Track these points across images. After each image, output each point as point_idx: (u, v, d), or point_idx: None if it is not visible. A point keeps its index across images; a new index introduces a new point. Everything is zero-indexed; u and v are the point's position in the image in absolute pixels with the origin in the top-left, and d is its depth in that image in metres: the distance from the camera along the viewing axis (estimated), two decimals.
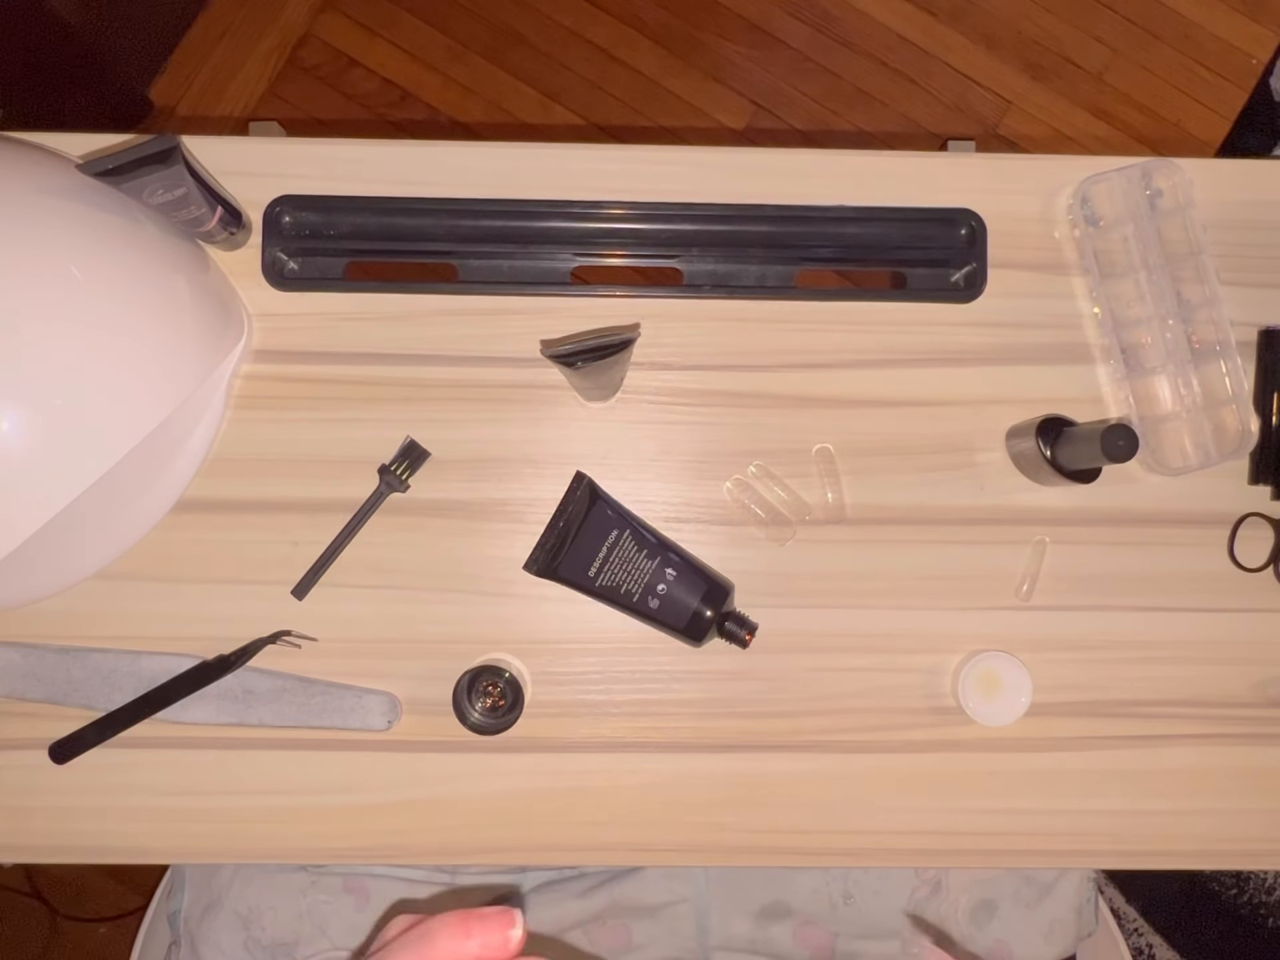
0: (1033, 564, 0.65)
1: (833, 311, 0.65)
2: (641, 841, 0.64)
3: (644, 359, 0.65)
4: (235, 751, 0.63)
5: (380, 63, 1.49)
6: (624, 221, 0.64)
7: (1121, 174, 0.65)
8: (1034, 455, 0.62)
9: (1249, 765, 0.66)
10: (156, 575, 0.63)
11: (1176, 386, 0.65)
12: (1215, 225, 0.65)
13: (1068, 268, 0.66)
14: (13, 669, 0.62)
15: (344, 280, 0.64)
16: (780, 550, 0.65)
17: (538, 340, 0.64)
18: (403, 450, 0.63)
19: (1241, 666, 0.66)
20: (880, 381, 0.65)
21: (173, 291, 0.56)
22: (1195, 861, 0.66)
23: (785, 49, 1.52)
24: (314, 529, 0.63)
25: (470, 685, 0.61)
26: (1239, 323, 0.65)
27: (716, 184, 0.65)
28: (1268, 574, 0.65)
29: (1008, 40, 1.53)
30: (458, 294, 0.64)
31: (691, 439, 0.65)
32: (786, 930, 0.71)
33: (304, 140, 0.65)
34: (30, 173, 0.52)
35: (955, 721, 0.64)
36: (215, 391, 0.63)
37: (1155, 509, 0.66)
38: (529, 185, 0.64)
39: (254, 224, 0.63)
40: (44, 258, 0.50)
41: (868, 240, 0.65)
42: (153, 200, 0.53)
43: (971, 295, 0.65)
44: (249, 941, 0.70)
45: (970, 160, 0.67)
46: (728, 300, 0.65)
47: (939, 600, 0.65)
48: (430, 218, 0.64)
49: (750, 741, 0.65)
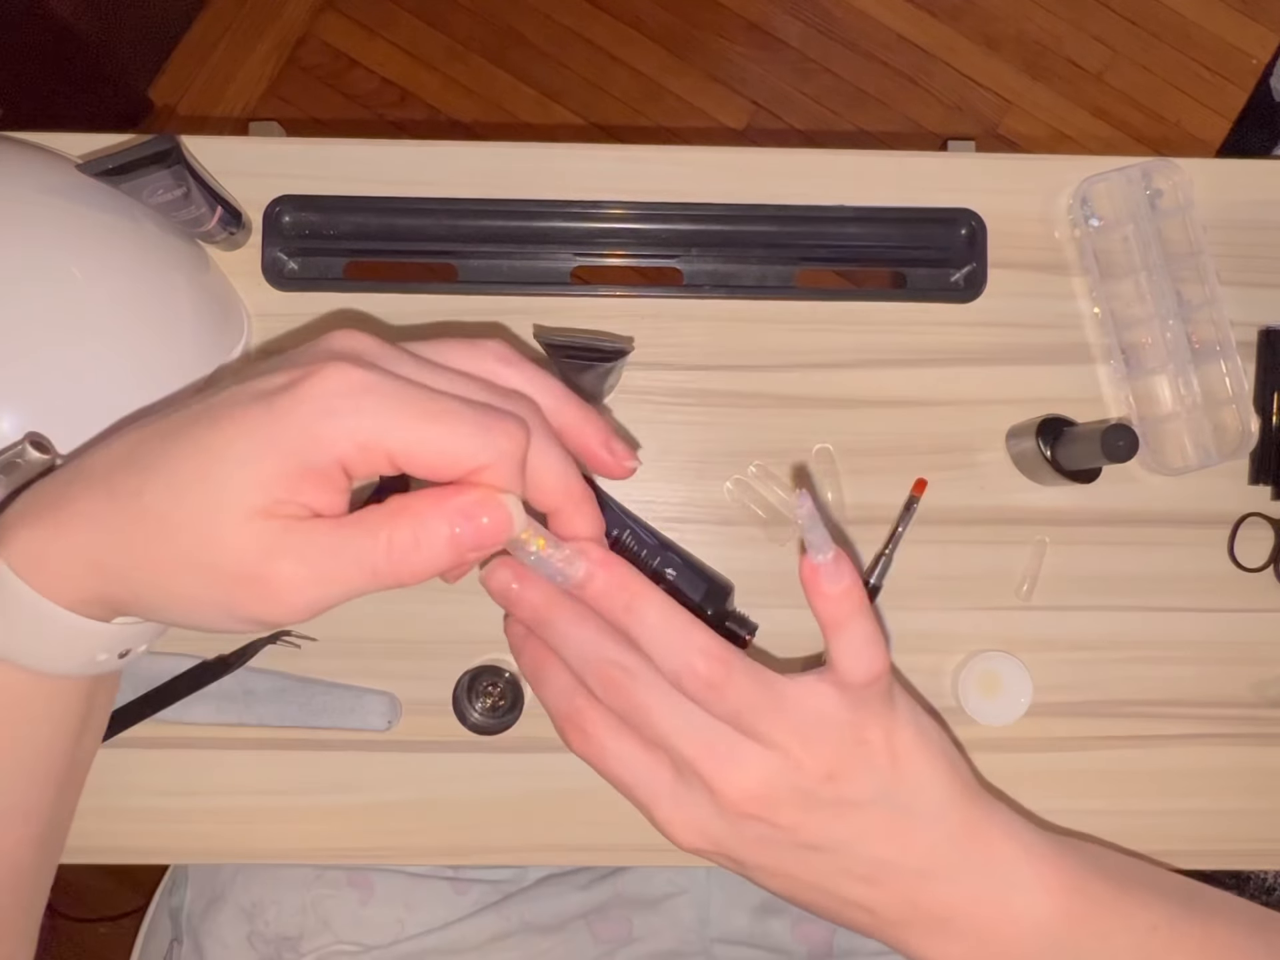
0: (1033, 564, 0.65)
1: (833, 311, 0.65)
2: (642, 842, 0.64)
3: (643, 359, 0.65)
4: (235, 751, 0.63)
5: (380, 63, 1.50)
6: (624, 221, 0.64)
7: (1121, 174, 0.65)
8: (1034, 455, 0.62)
9: (1249, 765, 0.66)
10: None
11: (1176, 386, 0.65)
12: (1215, 225, 0.65)
13: (1068, 268, 0.66)
14: None
15: (344, 280, 0.65)
16: (780, 550, 0.65)
17: (537, 339, 0.64)
18: None
19: (1241, 666, 0.66)
20: (880, 381, 0.65)
21: (173, 291, 0.56)
22: (1195, 861, 0.66)
23: (785, 49, 1.52)
24: None
25: (470, 685, 0.61)
26: (1239, 323, 0.65)
27: (716, 184, 0.65)
28: (1268, 574, 0.65)
29: (1008, 40, 1.53)
30: (458, 294, 0.64)
31: (691, 439, 0.65)
32: (785, 925, 0.71)
33: (304, 140, 0.65)
34: (30, 173, 0.52)
35: (955, 721, 0.64)
36: None
37: (1155, 509, 0.66)
38: (529, 185, 0.64)
39: (254, 224, 0.64)
40: (44, 257, 0.50)
41: (868, 240, 0.65)
42: (153, 200, 0.53)
43: (971, 295, 0.65)
44: (252, 935, 0.70)
45: (970, 160, 0.67)
46: (728, 300, 0.65)
47: (939, 600, 0.65)
48: (430, 218, 0.64)
49: None
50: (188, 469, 0.31)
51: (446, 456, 0.31)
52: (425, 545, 0.31)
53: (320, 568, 0.30)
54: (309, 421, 0.30)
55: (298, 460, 0.30)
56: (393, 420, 0.30)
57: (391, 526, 0.31)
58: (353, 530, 0.31)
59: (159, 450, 0.32)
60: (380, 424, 0.30)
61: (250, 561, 0.30)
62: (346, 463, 0.30)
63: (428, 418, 0.31)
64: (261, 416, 0.30)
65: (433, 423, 0.31)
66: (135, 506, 0.31)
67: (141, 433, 0.33)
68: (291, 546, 0.30)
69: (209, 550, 0.30)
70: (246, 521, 0.30)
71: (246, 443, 0.30)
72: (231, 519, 0.30)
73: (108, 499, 0.32)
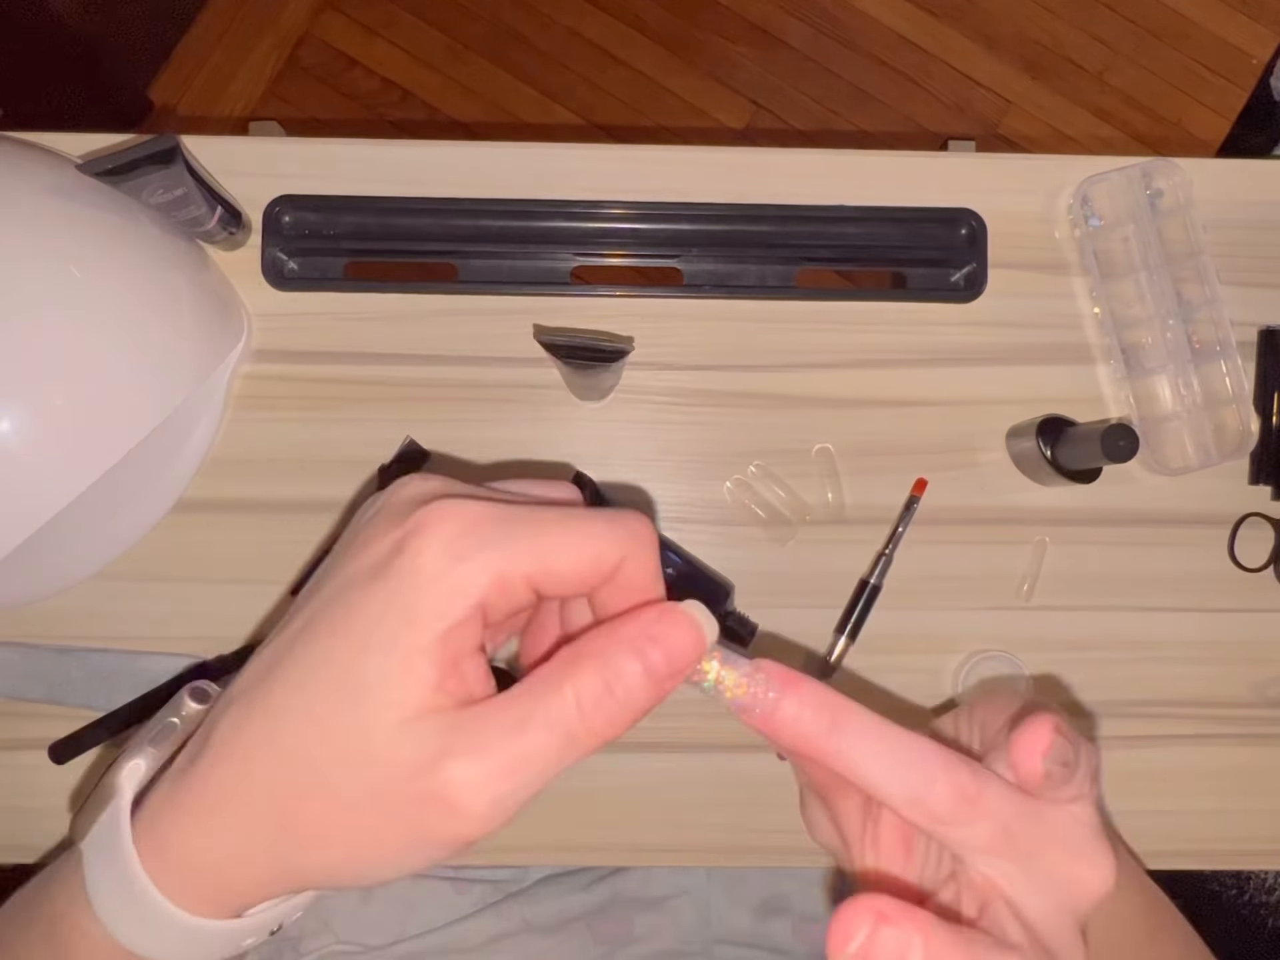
0: (1033, 564, 0.65)
1: (833, 311, 0.65)
2: (642, 842, 0.64)
3: (644, 359, 0.65)
4: None
5: (380, 62, 1.50)
6: (624, 221, 0.64)
7: (1122, 174, 0.65)
8: (1034, 455, 0.62)
9: (1249, 765, 0.66)
10: (156, 575, 0.63)
11: (1177, 386, 0.65)
12: (1215, 225, 0.65)
13: (1068, 268, 0.66)
14: (12, 669, 0.62)
15: (344, 280, 0.64)
16: (780, 550, 0.65)
17: (538, 340, 0.64)
18: (403, 450, 0.63)
19: (1241, 666, 0.66)
20: (880, 381, 0.65)
21: (172, 291, 0.56)
22: (1195, 861, 0.66)
23: (785, 49, 1.52)
24: (314, 529, 0.63)
25: None
26: (1239, 323, 0.65)
27: (716, 184, 0.65)
28: (1268, 574, 0.65)
29: (1008, 40, 1.53)
30: (458, 294, 0.64)
31: (691, 439, 0.65)
32: (786, 925, 0.71)
33: (304, 140, 0.65)
34: (30, 173, 0.52)
35: None
36: (215, 391, 0.63)
37: (1155, 509, 0.66)
38: (529, 185, 0.64)
39: (254, 224, 0.63)
40: (44, 257, 0.50)
41: (868, 240, 0.65)
42: (153, 200, 0.53)
43: (971, 295, 0.65)
44: None
45: (970, 160, 0.67)
46: (728, 300, 0.65)
47: (939, 600, 0.65)
48: (430, 218, 0.64)
49: (751, 741, 0.64)
50: (320, 689, 0.26)
51: (587, 557, 0.27)
52: (620, 688, 0.26)
53: (503, 755, 0.25)
54: (437, 574, 0.26)
55: (438, 625, 0.26)
56: (521, 541, 0.27)
57: (574, 679, 0.26)
58: (528, 698, 0.26)
59: (280, 682, 0.27)
60: (511, 549, 0.26)
61: (420, 777, 0.25)
62: (487, 606, 0.26)
63: (553, 525, 0.27)
64: (382, 592, 0.26)
65: (560, 529, 0.27)
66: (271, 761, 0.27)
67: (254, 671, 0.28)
68: (461, 740, 0.25)
69: (367, 777, 0.26)
70: (401, 729, 0.25)
71: (375, 630, 0.26)
72: (384, 732, 0.25)
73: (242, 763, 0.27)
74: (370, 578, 0.27)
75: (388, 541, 0.27)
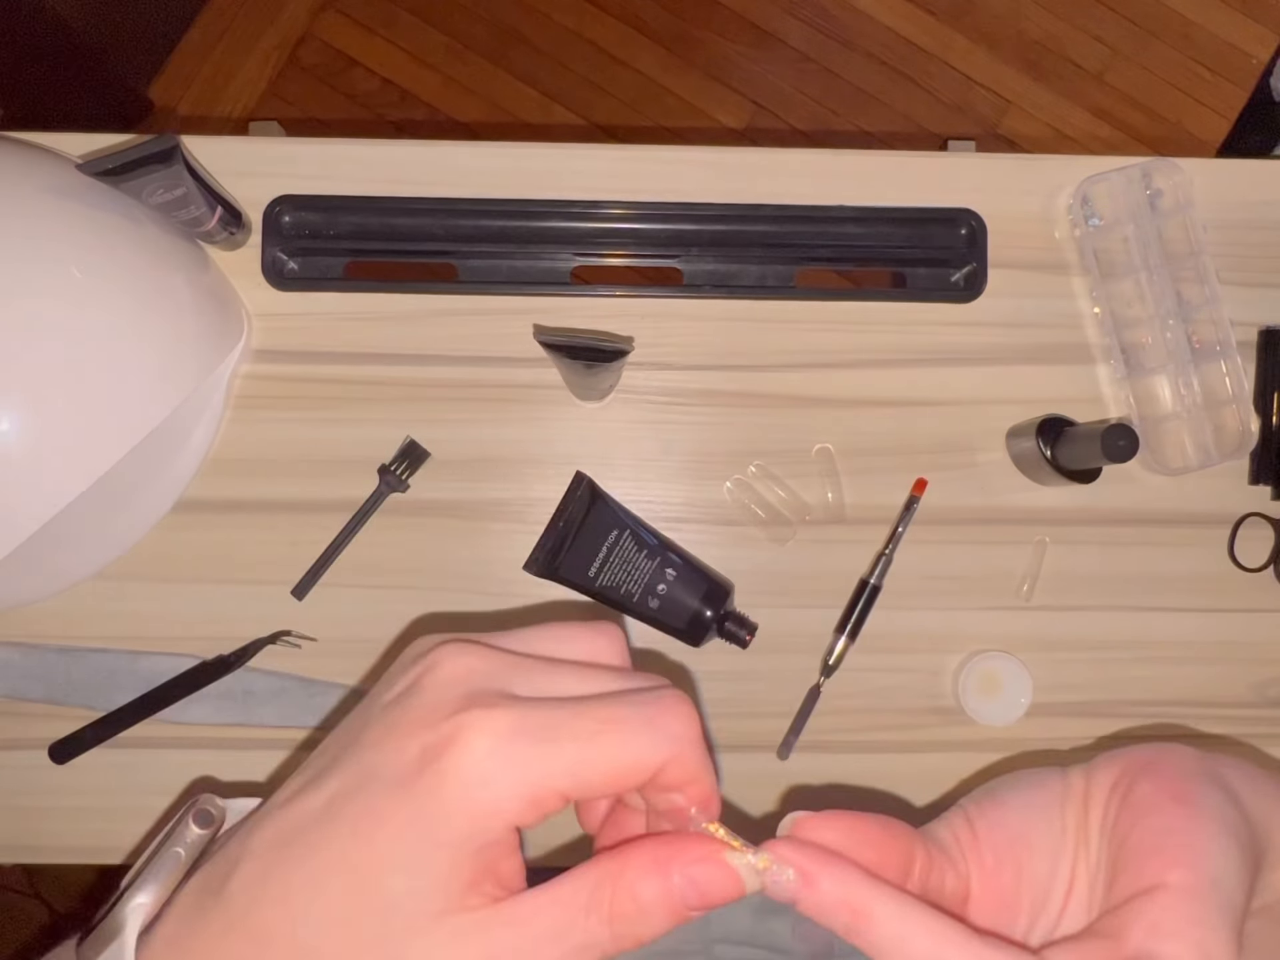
0: (1033, 564, 0.65)
1: (833, 311, 0.65)
2: None
3: (644, 359, 0.65)
4: (235, 751, 0.63)
5: (380, 62, 1.50)
6: (624, 221, 0.64)
7: (1121, 174, 0.65)
8: (1034, 455, 0.62)
9: None
10: (156, 575, 0.63)
11: (1177, 386, 0.65)
12: (1215, 225, 0.65)
13: (1068, 268, 0.66)
14: (12, 669, 0.62)
15: (344, 280, 0.65)
16: (780, 550, 0.65)
17: (538, 340, 0.64)
18: (403, 450, 0.63)
19: (1241, 666, 0.66)
20: (880, 381, 0.65)
21: (172, 291, 0.56)
22: None
23: (785, 49, 1.52)
24: (314, 529, 0.63)
25: None
26: (1239, 323, 0.65)
27: (716, 184, 0.65)
28: (1268, 574, 0.65)
29: (1008, 40, 1.53)
30: (458, 294, 0.64)
31: (691, 439, 0.65)
32: (786, 925, 0.71)
33: (304, 140, 0.65)
34: (30, 172, 0.52)
35: (955, 721, 0.64)
36: (215, 391, 0.63)
37: (1155, 509, 0.66)
38: (529, 185, 0.64)
39: (254, 224, 0.63)
40: (44, 257, 0.50)
41: (868, 240, 0.65)
42: (153, 200, 0.53)
43: (971, 295, 0.65)
44: None
45: (970, 160, 0.67)
46: (728, 300, 0.65)
47: (939, 600, 0.65)
48: (430, 218, 0.64)
49: (750, 741, 0.65)
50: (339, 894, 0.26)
51: (625, 769, 0.26)
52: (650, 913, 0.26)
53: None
54: (466, 803, 0.25)
55: (468, 848, 0.25)
56: (556, 759, 0.26)
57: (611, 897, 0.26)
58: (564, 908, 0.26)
59: (298, 870, 0.26)
60: (545, 769, 0.26)
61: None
62: (521, 823, 0.26)
63: (591, 737, 0.26)
64: (408, 811, 0.25)
65: (598, 741, 0.26)
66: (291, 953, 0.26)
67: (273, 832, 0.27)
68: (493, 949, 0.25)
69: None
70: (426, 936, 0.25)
71: (402, 849, 0.25)
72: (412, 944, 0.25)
73: (258, 945, 0.26)
74: (397, 785, 0.26)
75: (416, 746, 0.26)
